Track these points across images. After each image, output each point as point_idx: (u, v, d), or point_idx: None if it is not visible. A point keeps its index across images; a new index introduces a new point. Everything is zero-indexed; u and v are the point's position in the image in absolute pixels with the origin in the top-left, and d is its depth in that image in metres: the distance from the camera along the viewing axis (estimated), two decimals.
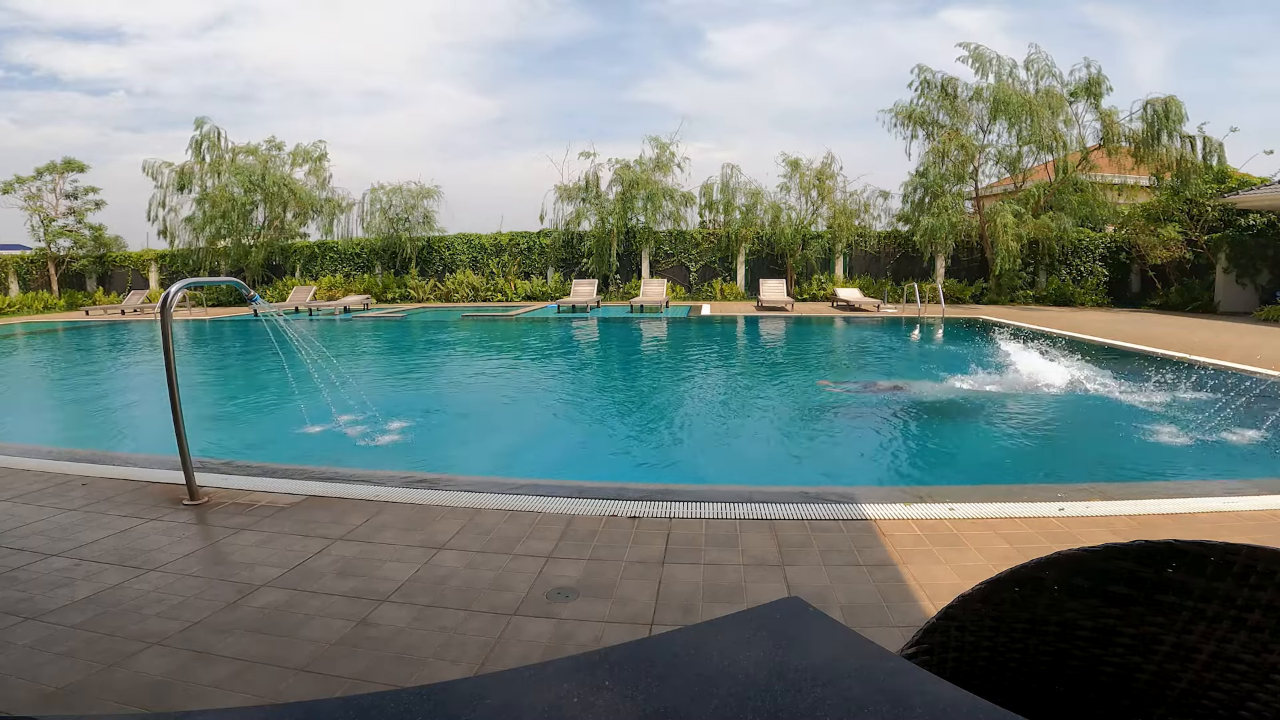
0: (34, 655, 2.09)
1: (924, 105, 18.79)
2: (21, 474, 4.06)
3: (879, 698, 0.66)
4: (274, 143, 23.58)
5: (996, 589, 0.86)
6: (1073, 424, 6.53)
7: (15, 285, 24.19)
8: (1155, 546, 0.78)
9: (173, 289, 3.58)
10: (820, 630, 0.78)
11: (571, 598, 2.43)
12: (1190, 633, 0.75)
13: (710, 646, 0.79)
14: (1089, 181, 18.58)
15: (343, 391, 6.14)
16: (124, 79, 54.81)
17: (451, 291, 22.62)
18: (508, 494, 3.56)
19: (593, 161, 21.86)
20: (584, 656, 0.77)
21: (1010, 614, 0.86)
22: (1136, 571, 0.79)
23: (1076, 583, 0.82)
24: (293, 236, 24.09)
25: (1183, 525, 3.05)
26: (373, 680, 1.97)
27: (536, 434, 6.40)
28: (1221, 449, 5.07)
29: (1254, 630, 0.72)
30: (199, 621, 2.29)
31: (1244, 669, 0.72)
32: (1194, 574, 0.75)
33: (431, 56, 56.34)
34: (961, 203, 19.69)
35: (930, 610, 2.27)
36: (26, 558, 2.84)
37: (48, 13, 43.78)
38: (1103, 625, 0.80)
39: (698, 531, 3.01)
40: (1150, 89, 32.91)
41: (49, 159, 24.23)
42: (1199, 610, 0.75)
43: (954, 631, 0.88)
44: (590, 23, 55.77)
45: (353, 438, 5.70)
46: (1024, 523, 3.06)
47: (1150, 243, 17.25)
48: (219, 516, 3.34)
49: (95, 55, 48.23)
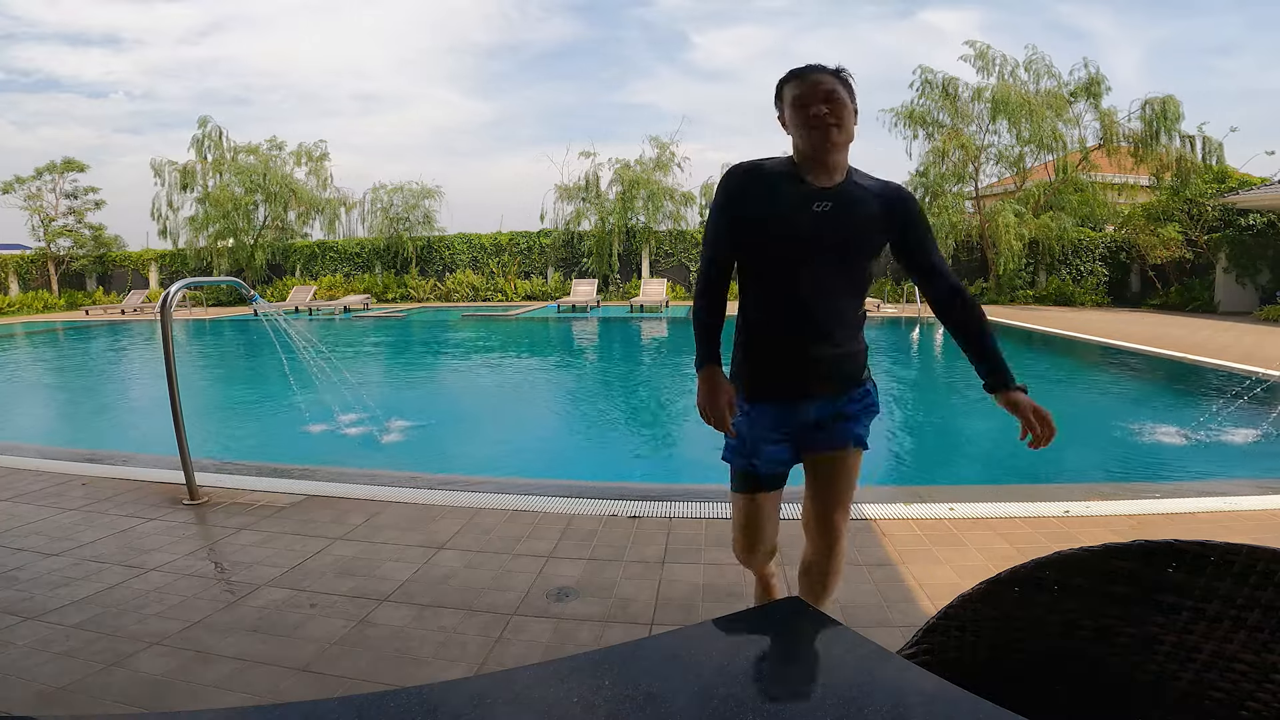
0: (34, 655, 2.09)
1: (924, 105, 18.78)
2: (21, 474, 4.06)
3: (879, 698, 0.66)
4: (275, 142, 23.59)
5: (996, 589, 0.86)
6: (1073, 424, 6.53)
7: (15, 285, 24.18)
8: (1155, 546, 0.78)
9: (173, 289, 3.58)
10: (820, 630, 0.78)
11: (571, 598, 2.43)
12: (1190, 633, 0.75)
13: (710, 646, 0.79)
14: (1089, 181, 18.57)
15: (343, 391, 6.14)
16: (123, 81, 54.90)
17: (451, 291, 22.61)
18: (508, 494, 3.56)
19: (593, 161, 21.89)
20: (584, 656, 0.77)
21: (1010, 614, 0.86)
22: (1136, 571, 0.79)
23: (1076, 583, 0.82)
24: (294, 236, 24.08)
25: (1183, 525, 3.05)
26: (373, 680, 1.97)
27: (537, 434, 6.40)
28: (1222, 449, 5.07)
29: (1254, 630, 0.72)
30: (199, 621, 2.29)
31: (1244, 669, 0.72)
32: (1194, 574, 0.75)
33: (425, 61, 56.48)
34: (962, 203, 19.69)
35: (930, 610, 2.27)
36: (26, 558, 2.84)
37: (46, 17, 43.83)
38: (1103, 625, 0.80)
39: (698, 531, 3.01)
40: (1130, 89, 33.02)
41: (49, 160, 24.23)
42: (1199, 610, 0.75)
43: (954, 631, 0.88)
44: (579, 27, 56.06)
45: (353, 438, 5.70)
46: (1024, 523, 3.06)
47: (1150, 242, 17.24)
48: (219, 516, 3.33)
49: (94, 59, 48.30)
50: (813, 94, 1.56)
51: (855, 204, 1.59)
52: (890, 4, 48.47)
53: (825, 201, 1.58)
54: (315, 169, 23.82)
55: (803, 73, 1.61)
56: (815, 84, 1.57)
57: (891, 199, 1.62)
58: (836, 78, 1.59)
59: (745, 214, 1.64)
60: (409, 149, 49.72)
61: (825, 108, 1.55)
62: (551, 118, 49.72)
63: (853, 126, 1.60)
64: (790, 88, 1.61)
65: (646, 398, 8.23)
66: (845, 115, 1.57)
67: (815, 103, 1.55)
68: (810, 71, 1.60)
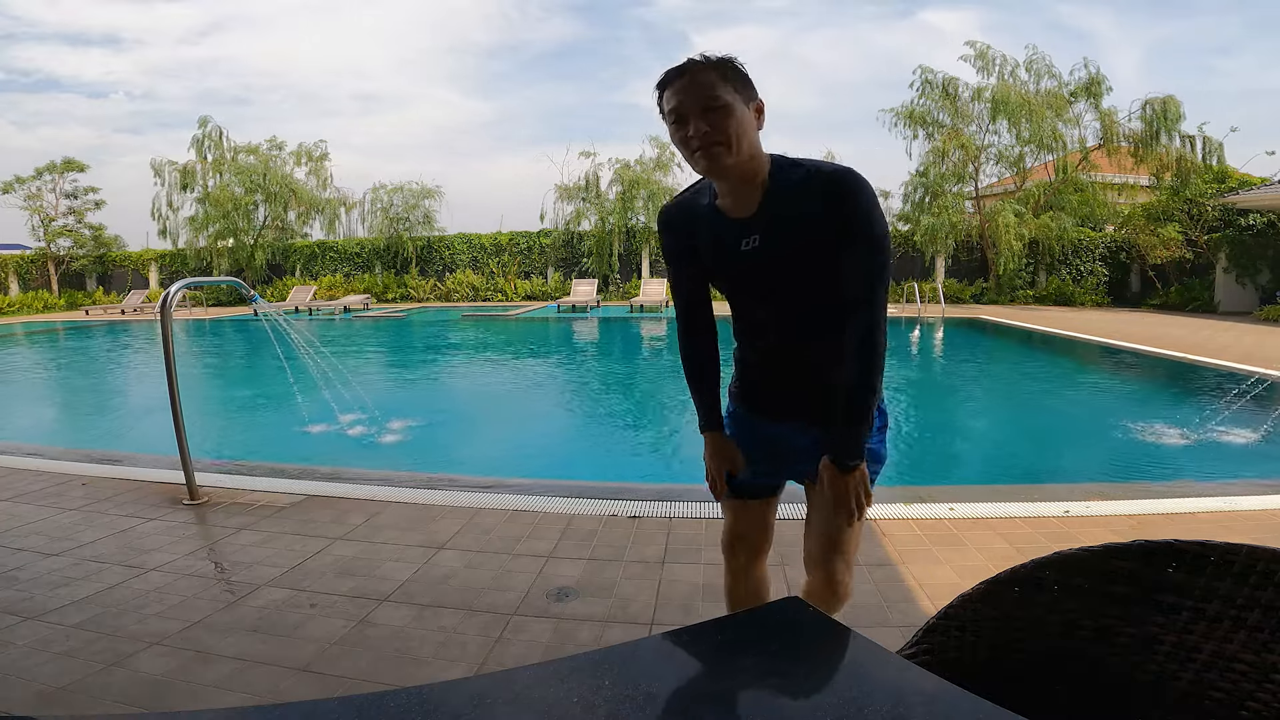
0: (34, 655, 2.09)
1: (924, 105, 18.79)
2: (21, 474, 4.06)
3: (879, 698, 0.66)
4: (275, 142, 23.61)
5: (996, 589, 0.86)
6: (1073, 424, 6.53)
7: (15, 285, 24.19)
8: (1155, 546, 0.78)
9: (173, 289, 3.58)
10: (820, 630, 0.78)
11: (571, 598, 2.43)
12: (1190, 633, 0.75)
13: (710, 646, 0.79)
14: (1089, 181, 18.58)
15: (343, 391, 6.14)
16: (123, 81, 54.95)
17: (451, 291, 22.61)
18: (508, 494, 3.56)
19: (593, 161, 21.90)
20: (584, 656, 0.77)
21: (1010, 614, 0.86)
22: (1136, 571, 0.79)
23: (1076, 583, 0.82)
24: (294, 236, 24.09)
25: (1183, 525, 3.05)
26: (373, 680, 1.97)
27: (537, 434, 6.40)
28: (1222, 449, 5.07)
29: (1254, 630, 0.72)
30: (199, 621, 2.29)
31: (1244, 669, 0.72)
32: (1194, 574, 0.75)
33: (425, 61, 56.56)
34: (962, 202, 19.69)
35: (930, 610, 2.27)
36: (26, 558, 2.84)
37: (46, 17, 43.85)
38: (1103, 625, 0.80)
39: (698, 531, 3.01)
40: (1130, 89, 33.01)
41: (49, 160, 24.26)
42: (1199, 610, 0.75)
43: (954, 631, 0.88)
44: (579, 27, 56.12)
45: (353, 438, 5.70)
46: (1024, 523, 3.06)
47: (1150, 242, 17.24)
48: (219, 516, 3.34)
49: (94, 59, 48.36)
50: (688, 105, 1.24)
51: (788, 223, 1.29)
52: (890, 4, 48.66)
53: (751, 236, 1.32)
54: (315, 169, 23.84)
55: (673, 76, 1.27)
56: (689, 90, 1.24)
57: (829, 190, 1.26)
58: (717, 73, 1.25)
59: (683, 259, 1.44)
60: (409, 149, 49.84)
61: (705, 124, 1.23)
62: (551, 118, 49.87)
63: (754, 133, 1.28)
64: (665, 94, 1.28)
65: (646, 398, 8.23)
66: (736, 125, 1.24)
67: (693, 117, 1.23)
68: (682, 73, 1.26)
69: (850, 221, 1.25)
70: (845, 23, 52.96)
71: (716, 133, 1.23)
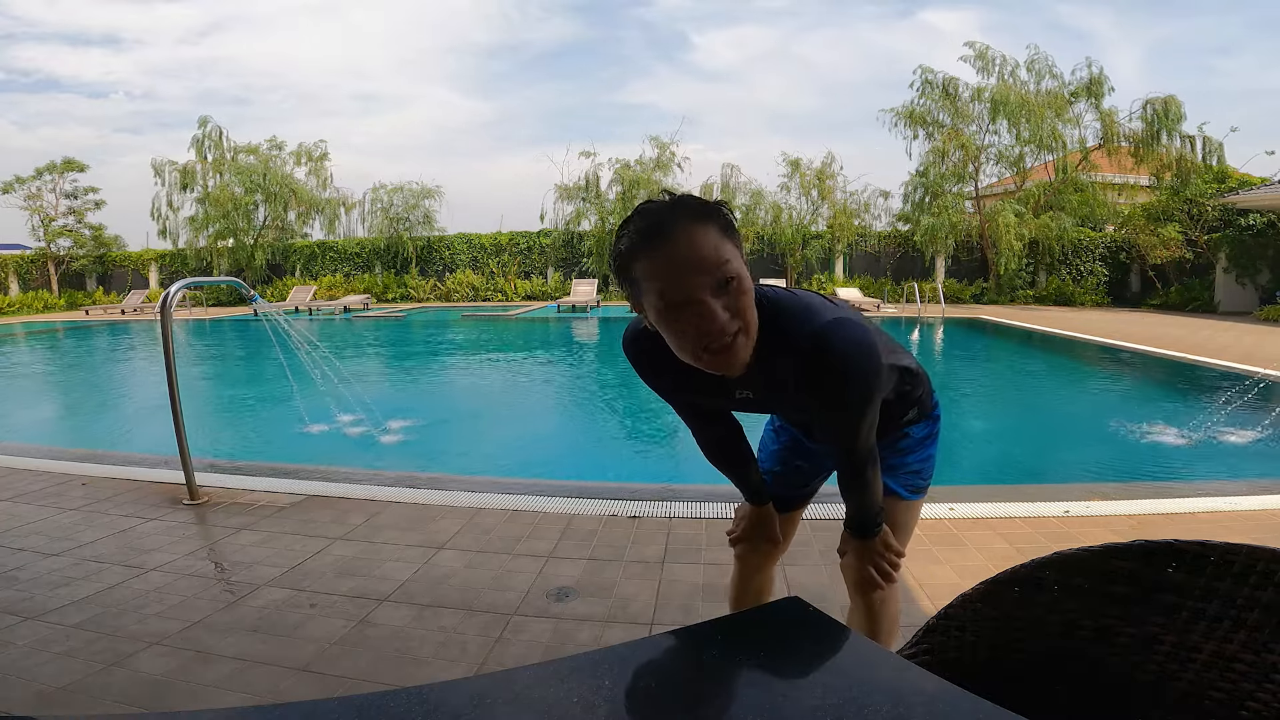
0: (34, 655, 2.09)
1: (924, 105, 18.80)
2: (21, 474, 4.06)
3: (879, 698, 0.66)
4: (275, 142, 23.63)
5: (996, 589, 0.86)
6: (1073, 424, 6.52)
7: (15, 285, 24.19)
8: (1155, 546, 0.78)
9: (173, 289, 3.58)
10: (820, 630, 0.78)
11: (571, 598, 2.43)
12: (1190, 633, 0.75)
13: (710, 646, 0.79)
14: (1089, 181, 18.59)
15: (343, 391, 6.14)
16: (123, 81, 54.98)
17: (451, 291, 22.62)
18: (508, 494, 3.56)
19: (593, 161, 21.89)
20: (584, 656, 0.77)
21: (1010, 614, 0.86)
22: (1136, 571, 0.79)
23: (1076, 583, 0.82)
24: (294, 236, 24.10)
25: (1182, 525, 3.05)
26: (373, 680, 1.97)
27: (537, 433, 6.40)
28: (1222, 449, 5.07)
29: (1254, 630, 0.72)
30: (199, 621, 2.29)
31: (1244, 669, 0.72)
32: (1194, 574, 0.75)
33: (425, 61, 56.58)
34: (962, 202, 19.70)
35: (930, 610, 2.27)
36: (26, 558, 2.83)
37: (46, 17, 43.88)
38: (1103, 625, 0.80)
39: (698, 531, 3.01)
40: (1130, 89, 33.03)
41: (49, 159, 24.27)
42: (1199, 610, 0.75)
43: (954, 631, 0.88)
44: (579, 27, 56.14)
45: (353, 438, 5.70)
46: (1024, 523, 3.06)
47: (1150, 242, 17.25)
48: (219, 516, 3.33)
49: (94, 58, 48.40)
50: (693, 285, 0.89)
51: (779, 385, 1.12)
52: (890, 4, 48.73)
53: (745, 390, 1.17)
54: (315, 169, 23.85)
55: (656, 238, 0.89)
56: (691, 264, 0.88)
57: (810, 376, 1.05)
58: (717, 227, 0.91)
59: (666, 394, 1.29)
60: (409, 149, 49.89)
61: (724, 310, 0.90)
62: (551, 118, 49.92)
63: (753, 305, 0.96)
64: (643, 265, 0.91)
65: (646, 398, 8.23)
66: (747, 301, 0.93)
67: (705, 300, 0.89)
68: (670, 232, 0.88)
69: (828, 404, 1.13)
70: (845, 23, 53.12)
71: (736, 319, 0.91)
